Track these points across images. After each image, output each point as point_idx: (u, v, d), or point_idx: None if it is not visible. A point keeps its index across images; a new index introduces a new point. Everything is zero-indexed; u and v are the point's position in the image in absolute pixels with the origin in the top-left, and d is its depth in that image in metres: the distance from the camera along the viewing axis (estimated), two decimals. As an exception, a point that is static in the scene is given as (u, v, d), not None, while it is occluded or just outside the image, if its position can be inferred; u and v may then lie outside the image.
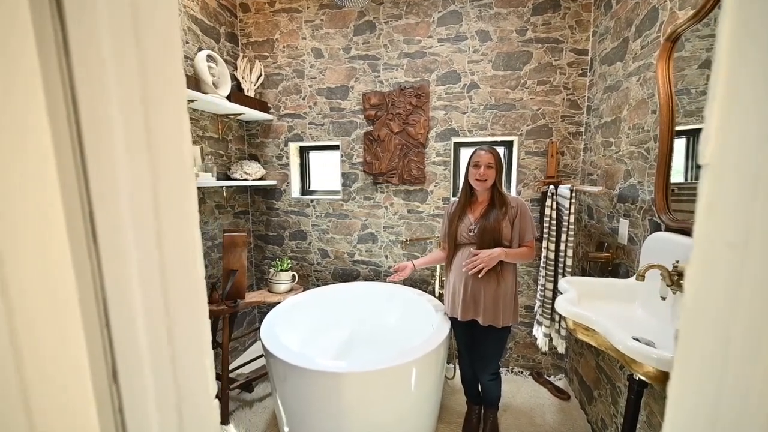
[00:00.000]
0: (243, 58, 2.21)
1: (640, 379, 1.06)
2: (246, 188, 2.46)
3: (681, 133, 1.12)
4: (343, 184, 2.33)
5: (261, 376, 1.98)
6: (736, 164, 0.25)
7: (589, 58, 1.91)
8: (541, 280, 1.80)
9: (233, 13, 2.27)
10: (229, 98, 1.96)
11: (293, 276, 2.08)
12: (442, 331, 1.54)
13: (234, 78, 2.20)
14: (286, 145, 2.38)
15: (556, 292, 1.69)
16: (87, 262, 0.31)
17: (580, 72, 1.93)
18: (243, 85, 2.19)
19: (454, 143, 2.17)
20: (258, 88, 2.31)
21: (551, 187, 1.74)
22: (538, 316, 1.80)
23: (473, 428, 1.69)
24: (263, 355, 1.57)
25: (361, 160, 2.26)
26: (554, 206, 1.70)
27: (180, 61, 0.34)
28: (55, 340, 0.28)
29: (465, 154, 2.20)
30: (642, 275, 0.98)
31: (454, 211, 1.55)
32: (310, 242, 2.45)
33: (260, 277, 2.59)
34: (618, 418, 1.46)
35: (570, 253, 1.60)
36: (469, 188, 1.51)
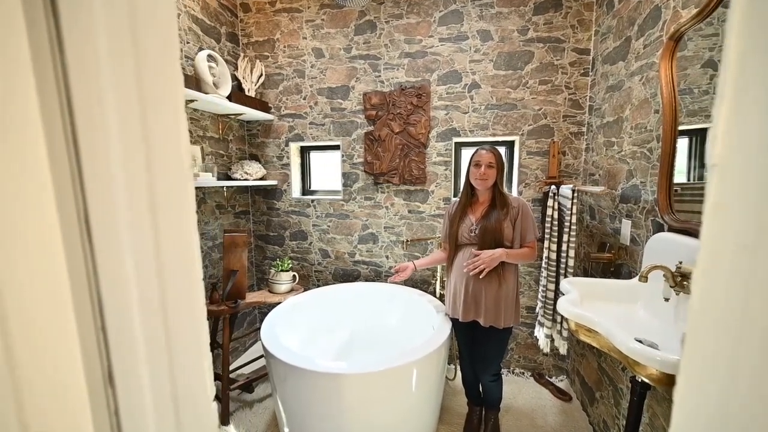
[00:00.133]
0: (244, 58, 2.21)
1: (643, 381, 1.06)
2: (246, 188, 2.46)
3: (684, 132, 1.11)
4: (344, 184, 2.33)
5: (261, 376, 1.98)
6: (744, 165, 0.25)
7: (591, 58, 1.90)
8: (543, 281, 1.79)
9: (234, 13, 2.27)
10: (229, 98, 1.96)
11: (294, 276, 2.08)
12: (443, 331, 1.53)
13: (235, 78, 2.20)
14: (287, 145, 2.38)
15: (557, 292, 1.69)
16: (82, 264, 0.30)
17: (582, 71, 1.92)
18: (244, 85, 2.19)
19: (455, 143, 2.16)
20: (259, 88, 2.31)
21: (553, 187, 1.73)
22: (540, 317, 1.79)
23: (474, 429, 1.68)
24: (263, 356, 1.57)
25: (361, 160, 2.26)
26: (556, 206, 1.70)
27: (177, 61, 0.34)
28: (49, 342, 0.28)
29: (466, 154, 2.19)
30: (645, 276, 0.98)
31: (455, 212, 1.54)
32: (311, 242, 2.44)
33: (261, 278, 2.59)
34: (620, 420, 1.45)
35: (572, 253, 1.59)
36: (470, 188, 1.50)
